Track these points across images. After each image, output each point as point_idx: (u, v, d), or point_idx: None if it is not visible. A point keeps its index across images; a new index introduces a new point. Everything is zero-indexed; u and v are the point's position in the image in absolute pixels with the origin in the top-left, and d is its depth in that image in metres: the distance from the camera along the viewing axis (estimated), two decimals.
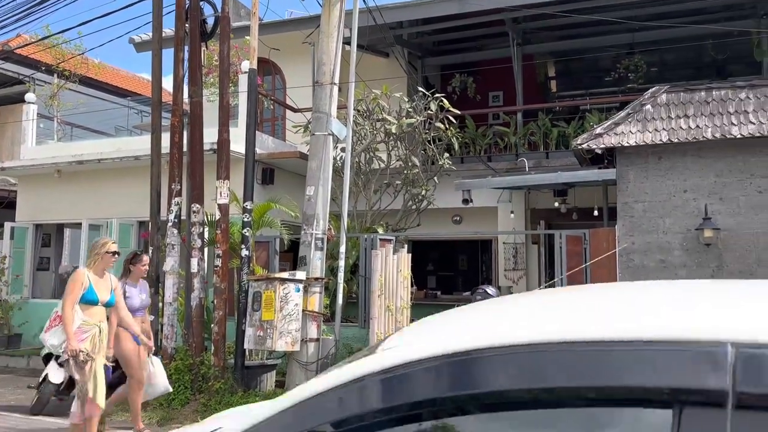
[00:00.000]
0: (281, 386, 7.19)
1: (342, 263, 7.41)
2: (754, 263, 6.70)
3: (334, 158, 8.72)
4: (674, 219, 7.06)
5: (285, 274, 6.80)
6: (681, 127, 7.06)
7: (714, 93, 7.30)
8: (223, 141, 7.40)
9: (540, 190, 10.05)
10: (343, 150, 7.99)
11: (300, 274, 6.80)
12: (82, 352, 4.74)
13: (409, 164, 8.88)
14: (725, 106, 7.11)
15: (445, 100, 8.88)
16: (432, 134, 9.02)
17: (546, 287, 10.03)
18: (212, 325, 7.33)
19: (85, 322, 4.87)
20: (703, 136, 6.85)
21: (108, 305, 5.07)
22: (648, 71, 11.18)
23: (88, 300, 4.95)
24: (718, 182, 6.95)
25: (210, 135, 7.84)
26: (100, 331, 4.96)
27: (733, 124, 6.89)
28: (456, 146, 9.42)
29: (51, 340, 4.95)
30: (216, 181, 7.40)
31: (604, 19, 9.42)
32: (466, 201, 8.91)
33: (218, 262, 7.30)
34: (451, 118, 9.14)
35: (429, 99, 8.88)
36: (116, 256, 5.24)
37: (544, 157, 10.35)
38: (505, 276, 10.74)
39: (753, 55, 10.16)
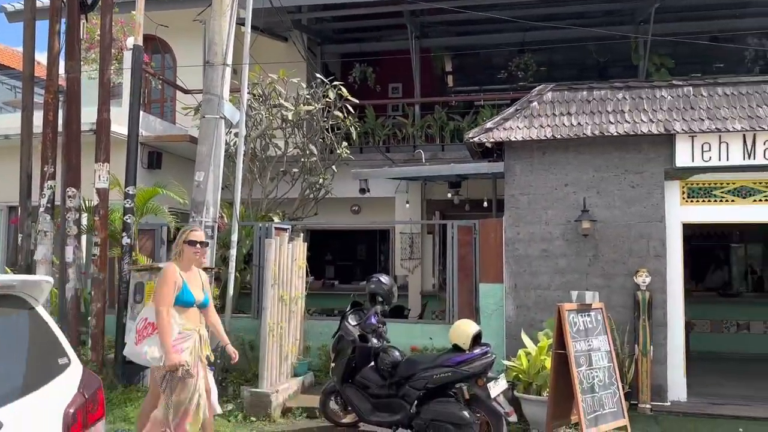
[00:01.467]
0: None
1: (234, 252, 7.19)
2: (626, 253, 7.21)
3: (228, 143, 8.43)
4: (556, 211, 7.44)
5: None
6: (564, 124, 7.44)
7: (594, 93, 7.77)
8: (103, 121, 6.91)
9: (435, 181, 10.28)
10: (236, 135, 7.72)
11: None
12: (183, 366, 4.03)
13: (307, 152, 8.75)
14: (604, 106, 7.58)
15: (343, 89, 8.82)
16: (330, 122, 8.94)
17: (439, 275, 10.30)
18: (90, 318, 6.86)
19: (184, 328, 4.14)
20: (584, 134, 7.25)
21: (202, 306, 4.36)
22: (537, 70, 11.72)
23: (184, 302, 4.21)
24: (596, 177, 7.40)
25: (89, 114, 7.30)
26: (200, 338, 4.26)
27: (610, 122, 7.34)
28: (355, 136, 9.40)
29: (152, 352, 4.08)
30: (95, 163, 6.90)
31: (498, 18, 9.74)
32: (363, 190, 8.94)
33: (96, 250, 6.83)
34: (350, 107, 9.10)
35: (328, 87, 8.78)
36: (200, 246, 4.38)
37: (440, 149, 10.58)
38: (401, 265, 10.91)
39: (631, 59, 10.91)
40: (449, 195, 9.96)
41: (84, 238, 7.53)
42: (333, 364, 5.94)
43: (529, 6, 10.43)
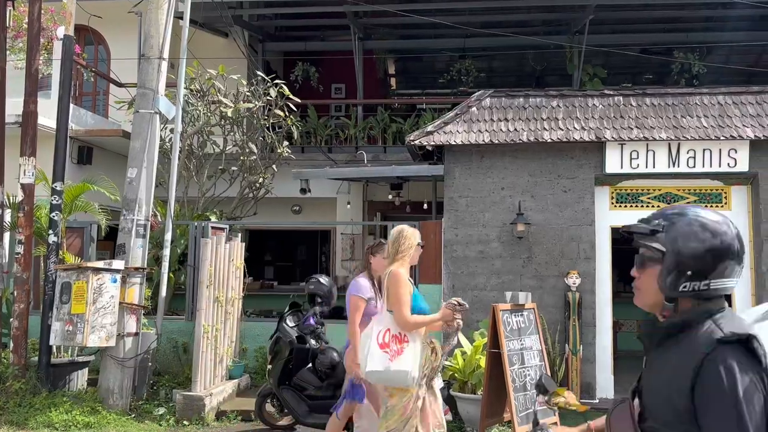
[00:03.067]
0: (94, 384, 6.61)
1: (167, 252, 6.99)
2: (558, 255, 7.45)
3: (163, 139, 8.19)
4: (493, 214, 7.62)
5: (100, 264, 6.25)
6: (501, 130, 7.63)
7: (530, 100, 8.00)
8: (30, 113, 6.58)
9: (377, 183, 10.33)
10: (172, 131, 7.51)
11: (118, 264, 6.29)
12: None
13: (247, 150, 8.60)
14: (539, 113, 7.82)
15: (285, 87, 8.73)
16: (271, 121, 8.82)
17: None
18: (11, 320, 6.51)
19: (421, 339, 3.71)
20: (520, 139, 7.46)
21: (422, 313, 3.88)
22: (478, 76, 11.96)
23: (419, 309, 3.81)
24: (531, 181, 7.62)
25: (15, 106, 6.94)
26: (433, 351, 3.89)
27: (545, 129, 7.58)
28: (296, 135, 9.32)
29: (414, 371, 3.58)
30: (20, 157, 6.56)
31: (440, 22, 9.89)
32: (303, 190, 8.87)
33: (20, 248, 6.49)
34: (291, 106, 9.01)
35: (269, 84, 8.66)
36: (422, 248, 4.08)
37: (382, 151, 10.64)
38: (342, 266, 10.90)
39: (567, 68, 11.30)
40: (390, 196, 10.03)
41: (7, 235, 7.15)
42: (270, 366, 5.86)
43: (470, 13, 10.64)
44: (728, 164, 7.19)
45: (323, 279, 6.04)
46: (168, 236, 7.03)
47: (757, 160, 7.15)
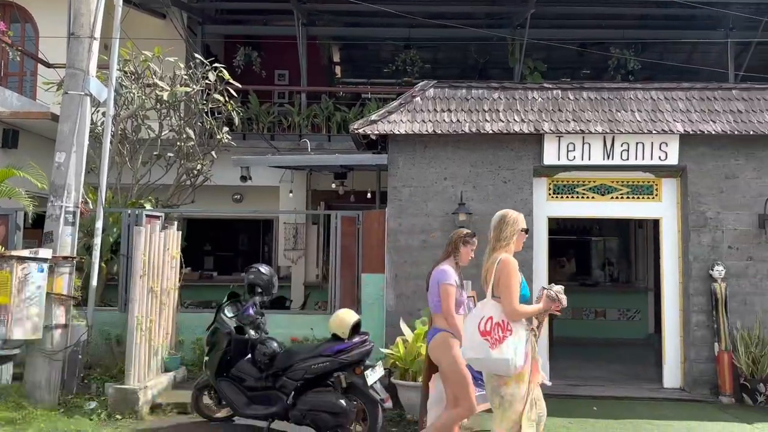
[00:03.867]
0: (19, 379, 6.29)
1: (98, 241, 6.69)
2: None
3: (94, 123, 7.83)
4: (435, 203, 7.67)
5: (25, 252, 5.92)
6: (444, 120, 7.68)
7: (473, 92, 8.08)
8: None
9: (321, 171, 10.23)
10: (104, 114, 7.18)
11: (45, 252, 5.98)
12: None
13: (184, 136, 8.33)
14: (481, 104, 7.91)
15: (225, 71, 8.48)
16: (210, 106, 8.56)
17: (323, 266, 10.27)
18: None
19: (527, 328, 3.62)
20: (462, 130, 7.53)
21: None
22: (422, 66, 12.00)
23: (525, 298, 3.69)
24: (473, 172, 7.71)
25: None
26: (536, 339, 3.76)
27: (486, 120, 7.68)
28: (237, 121, 9.08)
29: (517, 359, 3.49)
30: None
31: (384, 10, 9.84)
32: (244, 178, 8.69)
33: None
34: (232, 91, 8.77)
35: (207, 68, 8.39)
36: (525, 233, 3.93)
37: (327, 139, 10.53)
38: (284, 256, 10.76)
39: (508, 61, 11.48)
40: (333, 185, 9.96)
41: None
42: (207, 358, 5.72)
43: (415, 2, 10.63)
44: (659, 157, 7.49)
45: (263, 268, 5.94)
46: (99, 224, 6.73)
47: (686, 153, 7.48)
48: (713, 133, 7.32)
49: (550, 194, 7.89)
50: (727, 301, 7.15)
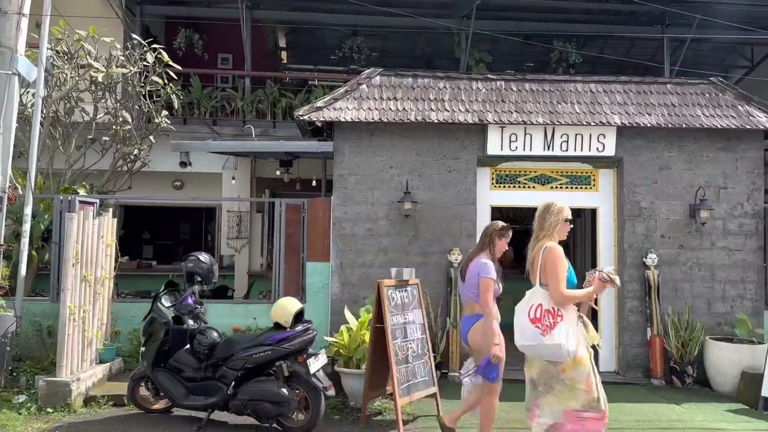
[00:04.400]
0: None
1: (27, 227, 6.38)
2: (442, 233, 7.67)
3: (24, 104, 7.45)
4: (381, 192, 7.68)
5: None
6: (390, 109, 7.68)
7: (419, 81, 8.11)
8: None
9: (266, 159, 10.06)
10: (34, 95, 6.82)
11: None
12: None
13: (120, 119, 7.99)
14: (427, 93, 7.94)
15: (164, 53, 8.18)
16: (148, 88, 8.25)
17: (268, 255, 10.13)
18: None
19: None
20: (408, 119, 7.54)
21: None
22: (370, 55, 11.93)
23: (572, 283, 3.75)
24: (419, 161, 7.75)
25: None
26: (585, 325, 3.79)
27: (432, 110, 7.72)
28: (177, 105, 8.80)
29: (569, 344, 3.56)
30: None
31: None
32: (183, 164, 8.44)
33: None
34: (172, 74, 8.47)
35: (145, 49, 8.08)
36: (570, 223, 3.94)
37: (272, 126, 10.35)
38: (228, 244, 10.55)
39: (455, 52, 11.56)
40: (278, 173, 9.82)
41: None
42: (143, 348, 5.56)
43: None
44: (597, 149, 7.72)
45: (203, 257, 5.80)
46: (28, 210, 6.41)
47: (623, 145, 7.74)
48: (648, 125, 7.60)
49: (493, 183, 8.02)
50: (660, 288, 7.48)
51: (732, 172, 7.76)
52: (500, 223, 4.78)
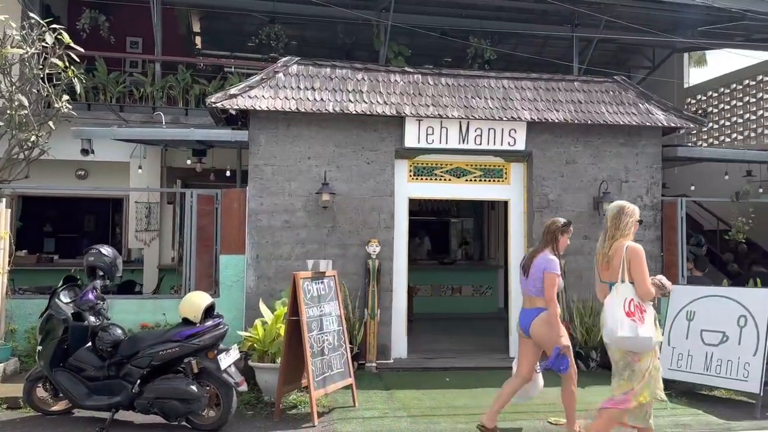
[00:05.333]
0: None
1: None
2: (361, 224, 7.68)
3: None
4: (299, 183, 7.58)
5: None
6: (308, 98, 7.57)
7: (337, 71, 8.04)
8: None
9: (178, 147, 9.66)
10: None
11: None
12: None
13: (16, 103, 7.40)
14: (345, 84, 7.90)
15: (65, 34, 7.63)
16: (48, 71, 7.68)
17: (179, 248, 9.77)
18: None
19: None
20: (326, 109, 7.47)
21: None
22: (289, 43, 11.72)
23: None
24: (337, 152, 7.71)
25: None
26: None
27: (350, 101, 7.69)
28: (80, 89, 8.25)
29: (655, 336, 3.97)
30: None
31: None
32: (85, 151, 7.96)
33: None
34: (74, 56, 7.93)
35: (44, 29, 7.52)
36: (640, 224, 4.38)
37: (184, 113, 9.94)
38: (136, 237, 10.07)
39: (374, 44, 11.55)
40: (188, 162, 9.48)
41: None
42: (40, 347, 5.21)
43: None
44: (509, 143, 7.97)
45: (105, 250, 5.50)
46: None
47: (532, 140, 8.03)
48: (556, 121, 7.92)
49: (410, 176, 8.10)
50: (566, 277, 7.82)
51: (633, 166, 8.24)
52: (561, 220, 5.02)
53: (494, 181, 8.26)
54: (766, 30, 11.44)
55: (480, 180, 8.22)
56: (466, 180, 8.19)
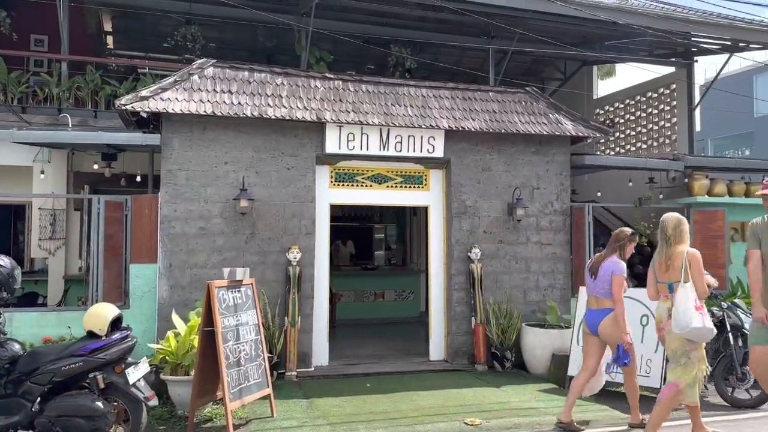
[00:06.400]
0: None
1: None
2: (281, 231, 7.57)
3: None
4: (215, 189, 7.38)
5: None
6: (225, 102, 7.40)
7: (255, 75, 7.91)
8: None
9: (86, 151, 9.18)
10: None
11: None
12: None
13: None
14: (264, 88, 7.78)
15: None
16: None
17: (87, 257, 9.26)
18: None
19: None
20: (244, 113, 7.32)
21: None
22: (207, 45, 11.40)
23: None
24: (256, 157, 7.57)
25: None
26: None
27: (269, 105, 7.58)
28: None
29: (709, 324, 4.59)
30: None
31: None
32: None
33: None
34: None
35: None
36: None
37: (92, 116, 9.45)
38: (40, 246, 9.44)
39: (296, 49, 11.44)
40: (96, 166, 9.03)
41: None
42: None
43: None
44: (428, 150, 8.11)
45: (2, 260, 5.12)
46: None
47: (450, 148, 8.21)
48: (473, 130, 8.14)
49: (332, 182, 8.08)
50: (482, 280, 8.05)
51: (544, 173, 8.59)
52: (628, 230, 5.51)
53: (415, 187, 8.38)
54: (665, 46, 12.27)
55: (401, 186, 8.32)
56: (388, 186, 8.27)
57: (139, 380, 4.84)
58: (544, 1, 9.58)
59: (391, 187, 8.29)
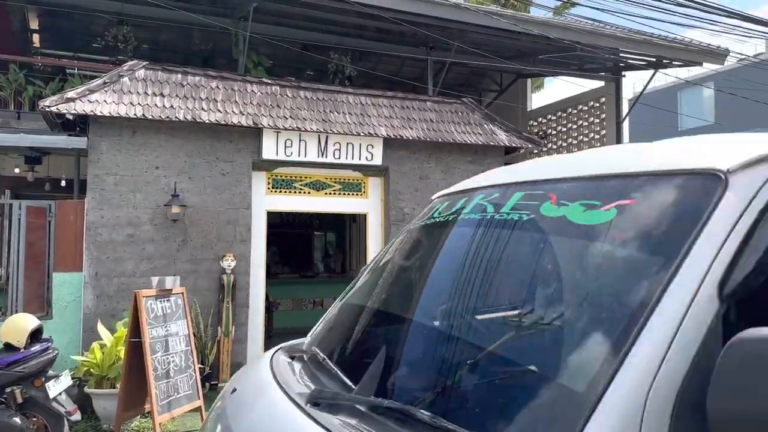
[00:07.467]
0: None
1: None
2: (215, 238, 7.40)
3: None
4: (145, 194, 7.15)
5: None
6: (156, 105, 7.19)
7: (189, 78, 7.73)
8: None
9: (7, 154, 8.71)
10: None
11: None
12: None
13: None
14: (198, 92, 7.61)
15: None
16: None
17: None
18: None
19: None
20: (176, 117, 7.14)
21: None
22: (140, 47, 11.07)
23: None
24: (189, 162, 7.38)
25: None
26: None
27: (203, 109, 7.42)
28: None
29: None
30: None
31: None
32: None
33: None
34: None
35: None
36: None
37: (15, 117, 8.99)
38: None
39: (233, 53, 11.26)
40: (17, 170, 8.59)
41: None
42: None
43: None
44: (366, 158, 8.14)
45: None
46: None
47: (389, 155, 8.27)
48: (410, 138, 8.24)
49: (269, 188, 7.98)
50: None
51: None
52: None
53: (353, 194, 8.38)
54: (594, 61, 12.81)
55: (339, 193, 8.30)
56: (326, 193, 8.23)
57: (60, 394, 4.62)
58: (479, 14, 9.82)
59: (330, 194, 8.26)
